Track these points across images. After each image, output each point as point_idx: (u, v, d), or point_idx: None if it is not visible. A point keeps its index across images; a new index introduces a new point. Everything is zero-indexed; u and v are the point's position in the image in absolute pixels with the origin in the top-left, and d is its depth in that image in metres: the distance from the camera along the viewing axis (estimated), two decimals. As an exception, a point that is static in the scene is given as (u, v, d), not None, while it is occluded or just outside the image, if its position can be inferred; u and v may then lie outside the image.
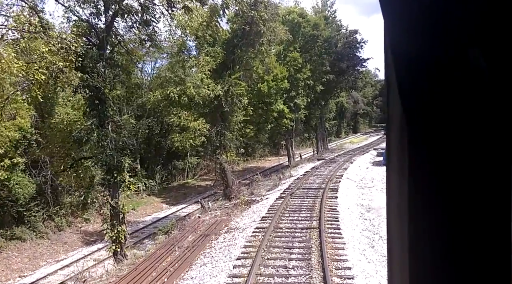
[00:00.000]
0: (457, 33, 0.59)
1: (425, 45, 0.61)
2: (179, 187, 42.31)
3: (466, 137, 0.59)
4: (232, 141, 26.51)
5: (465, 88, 0.58)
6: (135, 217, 33.03)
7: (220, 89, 24.26)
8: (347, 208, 17.49)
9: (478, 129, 0.58)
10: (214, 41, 25.74)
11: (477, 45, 0.57)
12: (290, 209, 17.22)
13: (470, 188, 0.59)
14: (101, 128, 14.42)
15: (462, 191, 0.60)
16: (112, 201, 14.40)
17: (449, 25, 0.59)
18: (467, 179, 0.59)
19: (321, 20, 37.59)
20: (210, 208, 21.91)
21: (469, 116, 0.58)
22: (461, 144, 0.59)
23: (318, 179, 24.67)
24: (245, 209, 19.12)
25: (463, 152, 0.59)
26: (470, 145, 0.59)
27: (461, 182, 0.60)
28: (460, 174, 0.60)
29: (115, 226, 14.44)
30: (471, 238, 0.60)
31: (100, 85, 14.13)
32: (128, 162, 14.90)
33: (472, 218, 0.60)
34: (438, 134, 0.60)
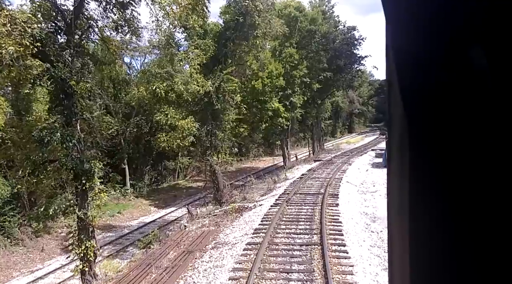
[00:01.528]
0: (459, 32, 0.57)
1: (427, 45, 0.60)
2: (169, 189, 39.95)
3: (467, 137, 0.58)
4: (224, 141, 24.24)
5: (467, 88, 0.58)
6: (121, 221, 30.65)
7: (211, 85, 21.98)
8: (350, 217, 15.32)
9: (479, 129, 0.57)
10: (204, 33, 23.45)
11: (479, 45, 0.56)
12: (287, 219, 15.01)
13: (471, 188, 0.58)
14: (67, 126, 12.11)
15: (463, 191, 0.59)
16: (79, 212, 12.08)
17: (451, 25, 0.58)
18: (468, 179, 0.59)
19: (319, 15, 35.34)
20: (198, 215, 19.64)
21: (471, 116, 0.58)
22: (462, 144, 0.58)
23: (316, 183, 22.49)
24: (236, 217, 16.88)
25: (465, 152, 0.58)
26: (471, 145, 0.58)
27: (462, 182, 0.59)
28: (461, 174, 0.59)
29: (83, 241, 12.13)
30: (472, 238, 0.59)
31: (65, 76, 11.81)
32: (99, 166, 12.59)
33: (473, 218, 0.59)
34: (439, 134, 0.60)
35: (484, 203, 0.58)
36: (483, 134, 0.57)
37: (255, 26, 22.80)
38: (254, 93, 30.68)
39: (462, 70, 0.58)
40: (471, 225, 0.59)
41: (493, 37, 0.55)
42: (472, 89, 0.57)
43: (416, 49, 0.61)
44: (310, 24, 34.24)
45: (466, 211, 0.59)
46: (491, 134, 0.57)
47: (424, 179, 0.62)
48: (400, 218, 0.67)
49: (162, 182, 41.04)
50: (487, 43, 0.55)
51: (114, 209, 32.53)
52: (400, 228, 0.68)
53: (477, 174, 0.58)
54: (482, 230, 0.58)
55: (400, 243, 0.68)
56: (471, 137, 0.58)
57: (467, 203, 0.59)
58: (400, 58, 0.63)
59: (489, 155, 0.57)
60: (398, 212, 0.69)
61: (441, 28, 0.59)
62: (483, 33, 0.56)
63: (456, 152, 0.59)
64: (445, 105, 0.59)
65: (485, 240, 0.58)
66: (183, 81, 21.60)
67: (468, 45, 0.57)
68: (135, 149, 37.55)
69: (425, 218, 0.62)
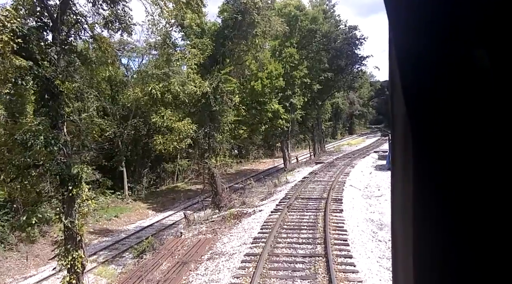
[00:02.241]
0: (462, 32, 0.58)
1: (430, 45, 0.60)
2: (168, 191, 39.00)
3: (470, 137, 0.58)
4: (222, 143, 23.31)
5: (469, 88, 0.58)
6: (118, 225, 29.72)
7: (208, 85, 21.08)
8: (355, 225, 14.38)
9: (483, 129, 0.57)
10: (202, 32, 22.55)
11: (482, 45, 0.56)
12: (288, 227, 14.07)
13: (476, 190, 0.58)
14: (53, 129, 11.19)
15: (468, 193, 0.58)
16: (66, 220, 11.15)
17: (454, 25, 0.58)
18: (473, 181, 0.58)
19: (320, 14, 34.39)
20: (195, 221, 18.70)
21: (474, 116, 0.57)
22: (466, 144, 0.58)
23: (318, 187, 21.54)
24: (234, 224, 15.94)
25: (468, 152, 0.58)
26: (475, 145, 0.58)
27: (467, 184, 0.58)
28: (466, 176, 0.59)
29: (70, 251, 11.19)
30: (477, 241, 0.59)
31: (50, 76, 10.89)
32: (87, 171, 11.65)
33: (477, 220, 0.58)
34: (442, 135, 0.59)
35: (489, 205, 0.57)
36: (486, 133, 0.56)
37: (254, 25, 21.91)
38: (253, 94, 29.78)
39: (464, 69, 0.57)
40: (476, 227, 0.58)
41: (495, 36, 0.54)
42: (475, 89, 0.56)
43: (418, 49, 0.60)
44: (311, 23, 33.30)
45: (470, 214, 0.58)
46: (494, 134, 0.56)
47: (428, 180, 0.61)
48: (404, 220, 0.66)
49: (161, 185, 40.12)
50: (489, 42, 0.55)
51: (111, 212, 31.59)
52: (404, 230, 0.66)
53: (482, 175, 0.57)
54: (487, 232, 0.57)
55: (404, 246, 0.66)
56: (475, 138, 0.57)
57: (471, 205, 0.58)
58: (403, 58, 0.62)
59: (494, 156, 0.56)
60: (402, 214, 0.68)
61: (443, 27, 0.58)
62: (485, 33, 0.55)
63: (460, 153, 0.58)
64: (449, 105, 0.58)
65: (490, 242, 0.57)
66: (179, 82, 20.72)
67: (471, 44, 0.56)
68: (133, 152, 36.62)
69: (429, 220, 0.61)
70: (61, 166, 10.92)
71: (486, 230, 0.58)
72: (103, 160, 34.18)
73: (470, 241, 0.59)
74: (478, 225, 0.58)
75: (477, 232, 0.58)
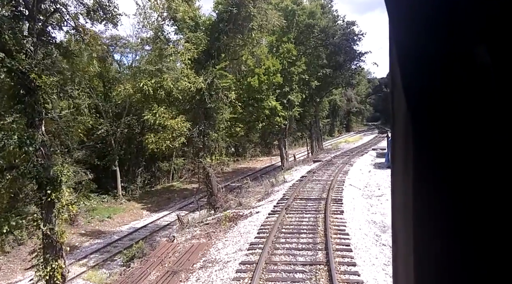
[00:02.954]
0: (462, 30, 0.57)
1: (430, 42, 0.59)
2: (163, 191, 37.96)
3: (471, 135, 0.58)
4: (218, 141, 22.28)
5: (470, 86, 0.57)
6: (110, 226, 28.69)
7: (203, 81, 20.04)
8: (358, 228, 13.43)
9: (483, 127, 0.57)
10: (196, 26, 21.49)
11: (483, 42, 0.56)
12: (286, 231, 13.10)
13: (476, 188, 0.58)
14: (29, 128, 10.15)
15: (468, 191, 0.58)
16: (44, 227, 10.13)
17: (455, 22, 0.58)
18: (473, 178, 0.58)
19: (318, 9, 33.33)
20: (189, 224, 17.72)
21: (475, 113, 0.57)
22: (466, 142, 0.58)
23: (317, 186, 20.58)
24: (230, 227, 14.96)
25: (469, 150, 0.58)
26: (475, 143, 0.57)
27: (467, 181, 0.58)
28: (466, 173, 0.58)
29: (49, 261, 10.17)
30: (477, 239, 0.58)
31: (25, 69, 9.85)
32: (68, 174, 10.60)
33: (478, 218, 0.58)
34: (443, 132, 0.59)
35: (489, 203, 0.56)
36: (487, 132, 0.56)
37: (250, 18, 20.88)
38: (250, 91, 28.76)
39: (465, 67, 0.56)
40: (476, 225, 0.58)
41: (496, 33, 0.54)
42: (476, 86, 0.56)
43: (419, 46, 0.60)
44: (309, 18, 32.23)
45: (471, 211, 0.58)
46: (495, 132, 0.55)
47: (429, 178, 0.60)
48: (405, 218, 0.66)
49: (156, 184, 39.06)
50: (490, 40, 0.54)
51: (104, 213, 30.54)
52: (405, 229, 0.66)
53: (482, 173, 0.56)
54: (488, 231, 0.57)
55: (405, 244, 0.66)
56: (476, 135, 0.57)
57: (472, 203, 0.57)
58: (403, 56, 0.62)
59: (495, 153, 0.55)
60: (402, 212, 0.67)
61: (443, 24, 0.58)
62: (486, 30, 0.55)
63: (461, 150, 0.58)
64: (448, 102, 0.58)
65: (491, 240, 0.57)
66: (172, 78, 19.70)
67: (471, 41, 0.56)
68: (127, 150, 35.53)
69: (430, 218, 0.61)
70: (38, 168, 9.90)
71: (487, 228, 0.57)
72: (95, 159, 33.09)
73: (471, 240, 0.58)
74: (479, 223, 0.57)
75: (478, 230, 0.57)
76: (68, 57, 11.82)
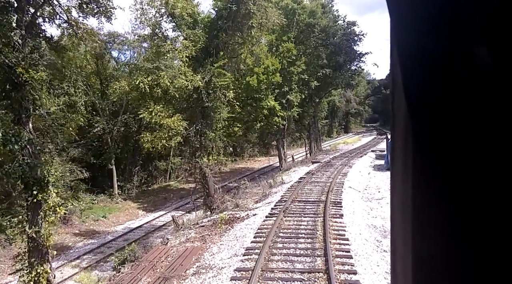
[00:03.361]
0: (463, 30, 0.57)
1: (431, 42, 0.59)
2: (159, 190, 37.39)
3: (471, 135, 0.57)
4: (215, 141, 21.75)
5: (470, 86, 0.57)
6: (105, 226, 28.09)
7: (200, 79, 19.50)
8: (358, 232, 12.93)
9: (483, 128, 0.57)
10: (194, 23, 20.95)
11: (483, 43, 0.56)
12: (284, 235, 12.58)
13: (475, 189, 0.57)
14: (15, 125, 9.60)
15: (468, 192, 0.58)
16: (30, 230, 9.59)
17: (456, 22, 0.58)
18: (473, 180, 0.58)
19: (318, 8, 32.80)
20: (184, 225, 17.19)
21: (475, 114, 0.57)
22: (466, 142, 0.58)
23: (315, 188, 20.07)
24: (226, 230, 14.43)
25: (468, 150, 0.58)
26: (475, 143, 0.57)
27: (467, 183, 0.58)
28: (465, 175, 0.58)
29: (34, 265, 9.63)
30: (476, 240, 0.58)
31: (11, 63, 9.30)
32: (55, 174, 10.04)
33: (477, 219, 0.58)
34: (443, 133, 0.59)
35: (488, 204, 0.56)
36: (487, 132, 0.56)
37: (250, 15, 20.35)
38: (249, 90, 28.21)
39: (465, 67, 0.56)
40: (476, 226, 0.57)
41: (497, 34, 0.54)
42: (476, 87, 0.56)
43: (420, 46, 0.59)
44: (309, 17, 31.71)
45: (470, 212, 0.57)
46: (495, 132, 0.55)
47: (428, 178, 0.60)
48: (404, 219, 0.66)
49: (153, 183, 38.47)
50: (491, 40, 0.54)
51: (99, 212, 29.95)
52: (404, 229, 0.66)
53: (482, 173, 0.56)
54: (487, 230, 0.57)
55: (403, 245, 0.66)
56: (476, 136, 0.56)
57: (471, 204, 0.57)
58: (405, 56, 0.62)
59: (495, 154, 0.55)
60: (401, 213, 0.67)
61: (444, 25, 0.57)
62: (487, 30, 0.55)
63: (460, 151, 0.57)
64: (449, 103, 0.58)
65: (490, 242, 0.56)
66: (169, 76, 19.16)
67: (472, 42, 0.56)
68: (123, 149, 34.94)
69: (429, 219, 0.61)
70: (23, 167, 9.35)
71: (487, 229, 0.56)
72: (91, 158, 32.53)
73: (470, 240, 0.58)
74: (479, 224, 0.57)
75: (477, 231, 0.57)
76: (59, 52, 11.27)
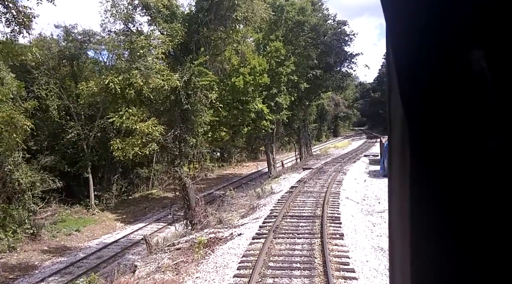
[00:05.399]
0: (459, 34, 0.57)
1: (427, 47, 0.59)
2: (140, 200, 34.46)
3: (468, 139, 0.57)
4: (196, 148, 19.14)
5: (466, 90, 0.57)
6: (78, 241, 25.10)
7: (178, 78, 16.94)
8: (364, 259, 10.46)
9: (480, 133, 0.56)
10: (172, 16, 18.37)
11: (479, 46, 0.55)
12: (275, 266, 10.01)
13: (472, 192, 0.57)
14: None
15: (465, 195, 0.58)
16: None
17: (451, 26, 0.57)
18: (470, 183, 0.57)
19: (308, 5, 30.52)
20: (159, 246, 14.53)
21: (471, 118, 0.57)
22: (463, 146, 0.58)
23: (309, 200, 17.60)
24: (205, 255, 11.82)
25: (466, 154, 0.57)
26: (472, 147, 0.57)
27: (464, 186, 0.58)
28: (463, 178, 0.58)
29: None
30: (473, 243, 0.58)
31: None
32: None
33: (474, 222, 0.57)
34: (440, 137, 0.59)
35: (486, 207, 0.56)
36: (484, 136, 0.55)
37: (234, 8, 17.90)
38: (235, 92, 25.70)
39: (462, 71, 0.56)
40: (473, 229, 0.57)
41: (492, 38, 0.53)
42: (472, 91, 0.55)
43: (416, 50, 0.59)
44: (298, 15, 29.41)
45: (467, 215, 0.57)
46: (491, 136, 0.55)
47: (426, 182, 0.59)
48: (402, 222, 0.65)
49: (134, 192, 35.53)
50: (486, 44, 0.54)
51: (72, 225, 26.92)
52: (401, 232, 0.65)
53: (479, 178, 0.56)
54: (485, 234, 0.56)
55: (402, 248, 0.66)
56: (473, 140, 0.56)
57: (468, 207, 0.57)
58: (400, 60, 0.61)
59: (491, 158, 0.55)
60: (399, 215, 0.67)
61: (441, 28, 0.57)
62: (482, 34, 0.54)
63: (457, 155, 0.57)
64: (445, 107, 0.57)
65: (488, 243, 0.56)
66: (142, 74, 16.54)
67: (468, 46, 0.55)
68: (101, 156, 31.95)
69: (427, 222, 0.60)
70: None
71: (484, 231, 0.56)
72: (65, 166, 29.58)
73: (468, 243, 0.58)
74: (476, 226, 0.57)
75: (475, 233, 0.57)
76: None
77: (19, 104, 24.40)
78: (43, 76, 28.00)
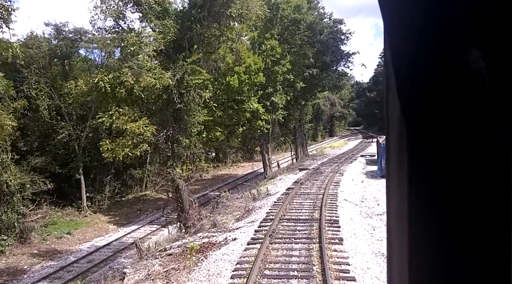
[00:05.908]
0: (456, 34, 0.57)
1: (424, 47, 0.58)
2: (134, 201, 33.69)
3: (465, 139, 0.57)
4: (190, 148, 18.48)
5: (464, 90, 0.57)
6: (69, 244, 24.34)
7: (171, 77, 16.29)
8: (365, 266, 9.88)
9: (477, 132, 0.56)
10: (164, 12, 17.69)
11: (477, 46, 0.55)
12: (271, 274, 9.37)
13: (470, 192, 0.57)
14: None
15: (462, 195, 0.58)
16: None
17: (450, 26, 0.57)
18: (467, 183, 0.57)
19: (304, 3, 29.94)
20: (150, 251, 13.87)
21: (469, 118, 0.57)
22: (460, 146, 0.57)
23: (306, 202, 17.01)
24: (197, 262, 11.19)
25: (462, 154, 0.57)
26: (470, 147, 0.57)
27: (461, 186, 0.58)
28: (460, 178, 0.58)
29: None
30: (471, 242, 0.58)
31: None
32: None
33: (472, 222, 0.58)
34: (437, 138, 0.59)
35: (483, 207, 0.56)
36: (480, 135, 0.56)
37: (228, 4, 17.27)
38: (229, 91, 25.07)
39: (460, 71, 0.56)
40: (471, 228, 0.57)
41: (490, 38, 0.54)
42: (469, 91, 0.56)
43: (414, 50, 0.59)
44: (294, 13, 28.82)
45: (465, 215, 0.57)
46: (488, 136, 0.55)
47: (423, 182, 0.59)
48: (400, 221, 0.65)
49: (127, 193, 34.75)
50: (484, 44, 0.54)
51: (64, 228, 26.12)
52: (399, 232, 0.65)
53: (477, 177, 0.56)
54: (481, 234, 0.57)
55: (400, 246, 0.66)
56: (470, 141, 0.56)
57: (466, 207, 0.57)
58: (398, 60, 0.61)
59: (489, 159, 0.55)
60: (397, 214, 0.67)
61: (438, 29, 0.57)
62: (480, 34, 0.54)
63: (454, 155, 0.57)
64: (443, 106, 0.57)
65: (484, 243, 0.57)
66: (133, 72, 15.88)
67: (466, 46, 0.55)
68: (93, 157, 31.10)
69: (424, 222, 0.60)
70: None
71: (481, 230, 0.56)
72: (56, 167, 28.78)
73: (465, 243, 0.58)
74: (474, 226, 0.57)
75: (472, 233, 0.57)
76: None
77: (8, 103, 23.72)
78: (33, 75, 27.25)
